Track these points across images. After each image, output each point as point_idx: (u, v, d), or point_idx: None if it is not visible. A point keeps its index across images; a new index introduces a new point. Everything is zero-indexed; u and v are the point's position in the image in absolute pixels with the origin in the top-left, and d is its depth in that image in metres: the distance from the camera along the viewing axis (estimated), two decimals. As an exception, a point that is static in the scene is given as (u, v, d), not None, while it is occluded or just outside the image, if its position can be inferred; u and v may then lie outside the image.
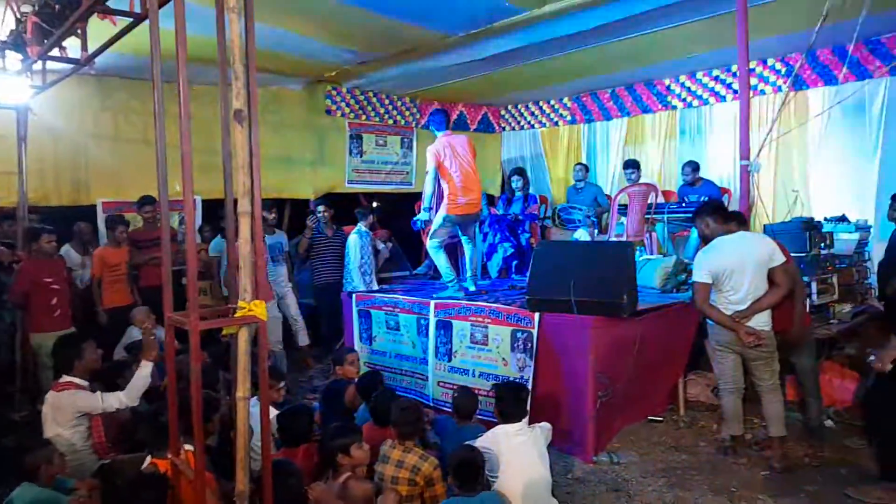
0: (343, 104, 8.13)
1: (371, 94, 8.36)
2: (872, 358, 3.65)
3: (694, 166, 6.96)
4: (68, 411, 3.53)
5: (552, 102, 9.23)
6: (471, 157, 5.46)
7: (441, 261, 5.56)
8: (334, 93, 8.00)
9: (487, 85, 7.91)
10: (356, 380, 4.46)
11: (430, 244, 5.58)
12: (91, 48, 3.86)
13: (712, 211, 4.08)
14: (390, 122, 8.73)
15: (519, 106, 9.68)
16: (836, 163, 6.50)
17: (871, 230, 5.95)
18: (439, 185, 5.50)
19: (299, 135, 7.84)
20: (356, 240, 6.37)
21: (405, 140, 9.01)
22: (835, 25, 4.44)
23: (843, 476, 3.84)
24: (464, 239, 5.83)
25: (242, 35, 2.20)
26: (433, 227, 5.54)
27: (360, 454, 3.22)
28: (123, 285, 5.85)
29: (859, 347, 5.02)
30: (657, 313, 4.77)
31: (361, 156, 8.51)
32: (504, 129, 10.02)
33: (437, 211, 5.53)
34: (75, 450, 3.53)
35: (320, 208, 6.81)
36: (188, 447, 2.63)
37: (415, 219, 5.83)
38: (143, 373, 3.68)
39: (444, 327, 5.12)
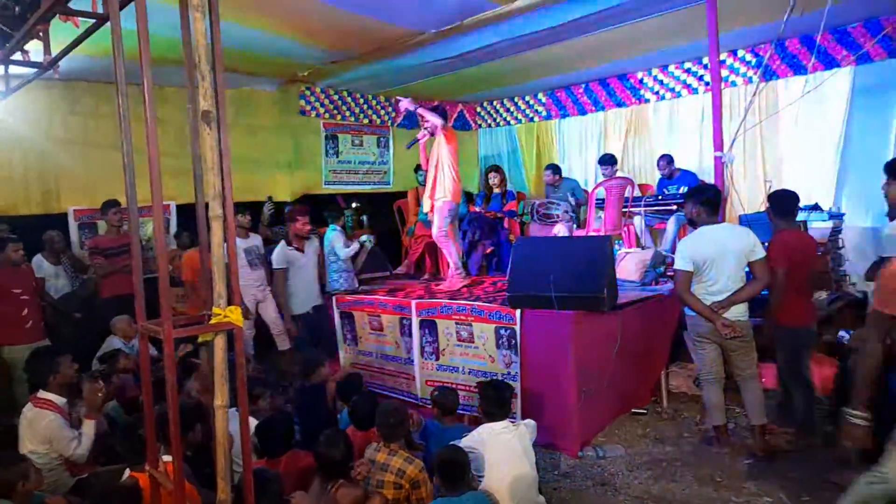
0: (317, 104, 8.06)
1: (345, 93, 8.30)
2: (846, 336, 3.67)
3: (668, 159, 7.01)
4: (40, 433, 3.45)
5: (527, 98, 9.26)
6: None
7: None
8: (308, 93, 7.93)
9: (462, 82, 7.90)
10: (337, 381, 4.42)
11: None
12: (54, 51, 3.76)
13: (706, 202, 4.04)
14: (366, 121, 8.67)
15: (494, 102, 9.68)
16: (808, 151, 6.59)
17: (844, 218, 6.04)
18: (446, 171, 5.60)
19: (274, 136, 7.76)
20: (337, 236, 6.29)
21: (381, 139, 8.96)
22: (802, 16, 4.49)
23: (825, 462, 3.88)
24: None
25: (208, 34, 2.15)
26: (446, 221, 5.65)
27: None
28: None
29: (836, 334, 5.08)
30: (637, 306, 4.80)
31: (338, 156, 8.45)
32: (480, 126, 10.02)
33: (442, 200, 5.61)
34: (51, 466, 3.45)
35: (288, 210, 6.68)
36: (167, 458, 2.56)
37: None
38: (87, 431, 3.57)
39: (429, 326, 5.10)
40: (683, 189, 6.61)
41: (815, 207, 5.95)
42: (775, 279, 3.97)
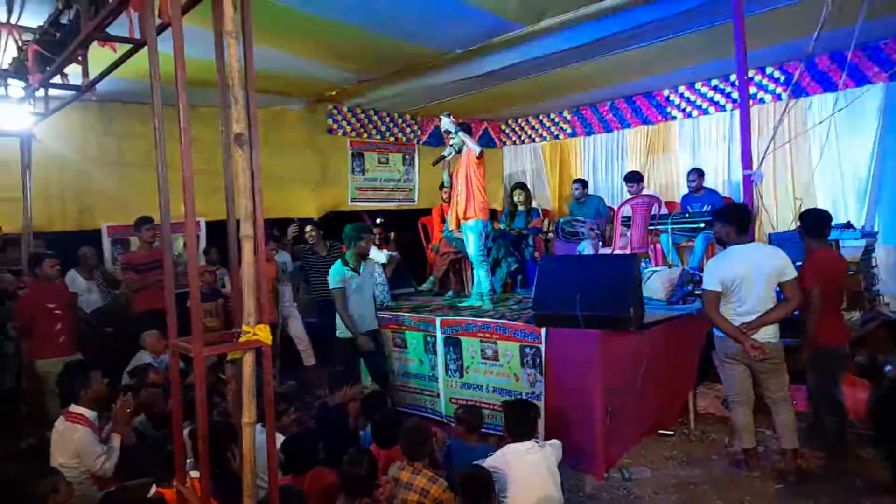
0: (344, 123, 8.17)
1: (372, 112, 8.40)
2: (889, 368, 3.59)
3: (699, 173, 6.94)
4: (71, 448, 3.52)
5: (552, 116, 9.26)
6: None
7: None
8: (335, 112, 8.04)
9: (487, 100, 7.94)
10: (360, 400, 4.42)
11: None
12: (92, 74, 3.89)
13: (737, 221, 3.98)
14: (391, 139, 8.76)
15: (519, 120, 9.71)
16: (839, 169, 6.48)
17: (878, 236, 5.91)
18: (476, 190, 5.57)
19: (301, 154, 7.87)
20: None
21: (407, 157, 9.03)
22: (832, 32, 4.43)
23: (857, 487, 3.78)
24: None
25: (241, 58, 2.21)
26: (481, 238, 5.64)
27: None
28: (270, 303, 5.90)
29: (869, 355, 4.96)
30: (664, 325, 4.74)
31: (364, 174, 8.54)
32: (505, 143, 10.04)
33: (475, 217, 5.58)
34: (80, 480, 3.50)
35: (308, 228, 6.78)
36: (194, 474, 2.60)
37: None
38: (115, 446, 3.64)
39: (453, 344, 5.10)
40: (707, 207, 6.53)
41: (847, 226, 5.84)
42: (810, 300, 3.89)
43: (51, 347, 5.01)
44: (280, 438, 3.33)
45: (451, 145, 5.68)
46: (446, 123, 5.75)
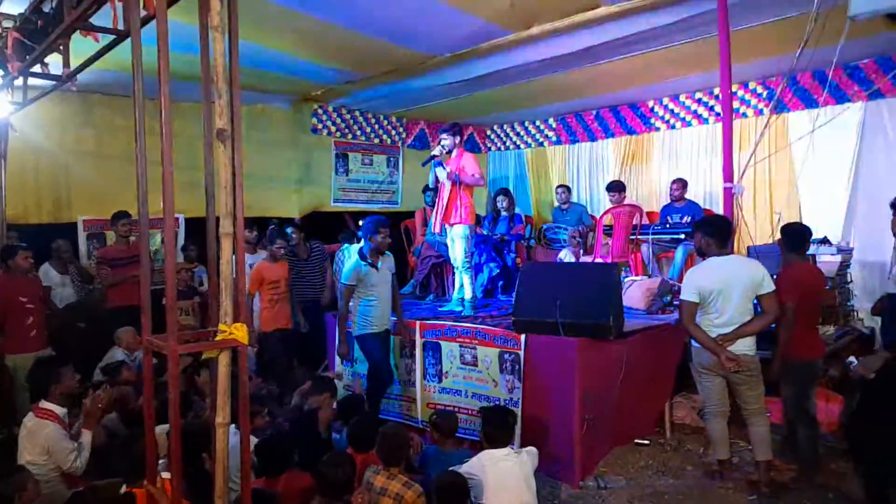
0: (329, 123, 8.13)
1: (357, 112, 8.37)
2: (854, 361, 3.62)
3: (683, 183, 7.01)
4: (40, 444, 3.44)
5: (537, 123, 9.30)
6: None
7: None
8: (320, 111, 8.00)
9: (473, 105, 7.95)
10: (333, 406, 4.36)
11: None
12: (73, 64, 3.82)
13: (716, 233, 4.01)
14: (376, 141, 8.73)
15: (504, 126, 9.73)
16: (818, 185, 6.59)
17: (853, 252, 6.01)
18: (464, 194, 5.53)
19: (285, 153, 7.81)
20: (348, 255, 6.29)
21: (391, 159, 9.01)
22: (815, 50, 4.51)
23: (829, 500, 3.82)
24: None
25: (226, 54, 2.18)
26: (469, 244, 5.59)
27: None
28: (285, 305, 5.80)
29: (843, 370, 5.03)
30: (643, 335, 4.76)
31: (347, 174, 8.50)
32: (490, 149, 10.06)
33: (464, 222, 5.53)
34: (49, 478, 3.43)
35: (289, 229, 6.70)
36: (165, 475, 2.55)
37: None
38: (85, 442, 3.55)
39: (433, 348, 5.07)
40: (687, 218, 6.59)
41: (824, 241, 5.93)
42: (785, 313, 3.93)
43: (22, 342, 4.91)
44: (254, 441, 3.29)
45: (442, 146, 5.60)
46: (448, 145, 5.59)
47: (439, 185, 5.70)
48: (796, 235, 4.27)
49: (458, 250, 5.61)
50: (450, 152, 5.58)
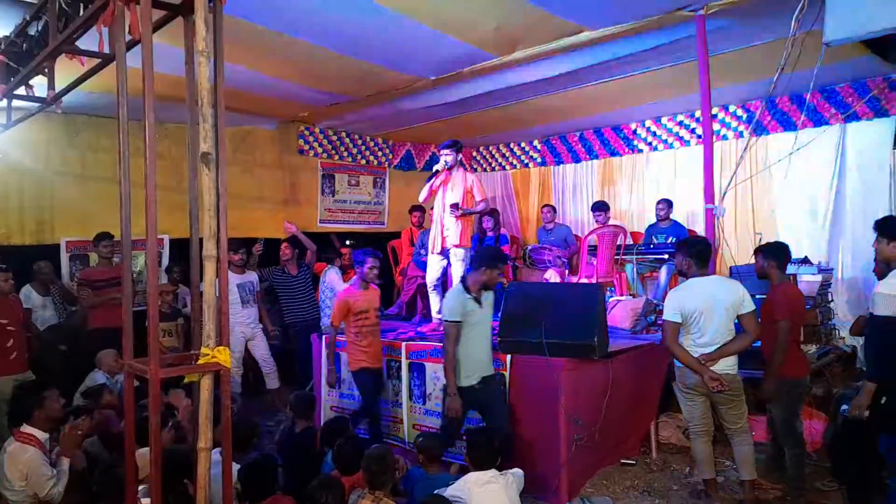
0: (315, 144, 8.16)
1: (344, 134, 8.42)
2: (845, 408, 3.66)
3: (668, 203, 7.08)
4: (19, 469, 3.38)
5: (522, 145, 9.40)
6: None
7: None
8: (307, 133, 8.04)
9: (459, 127, 8.02)
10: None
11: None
12: (58, 87, 3.81)
13: (697, 254, 4.05)
14: (363, 162, 8.78)
15: (490, 148, 9.82)
16: (797, 206, 6.70)
17: (833, 272, 6.10)
18: (464, 218, 5.48)
19: (271, 174, 7.84)
20: (336, 276, 6.27)
21: (378, 180, 9.06)
22: (792, 74, 4.62)
23: (814, 519, 3.84)
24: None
25: (212, 77, 2.20)
26: (464, 266, 5.37)
27: None
28: (375, 339, 4.91)
29: (826, 388, 5.08)
30: (628, 355, 4.78)
31: (333, 195, 8.53)
32: (476, 170, 10.13)
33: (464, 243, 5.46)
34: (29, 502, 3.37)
35: (282, 246, 6.71)
36: (145, 501, 2.51)
37: None
38: (64, 468, 3.50)
39: (417, 370, 5.06)
40: (672, 239, 6.66)
41: (805, 261, 6.01)
42: (778, 332, 3.96)
43: (1, 365, 4.83)
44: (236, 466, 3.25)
45: (445, 160, 5.57)
46: (450, 161, 5.55)
47: (434, 204, 5.66)
48: (783, 253, 4.30)
49: (456, 273, 5.48)
50: (450, 168, 5.58)
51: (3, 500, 3.05)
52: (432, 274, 5.68)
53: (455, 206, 5.37)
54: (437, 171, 5.57)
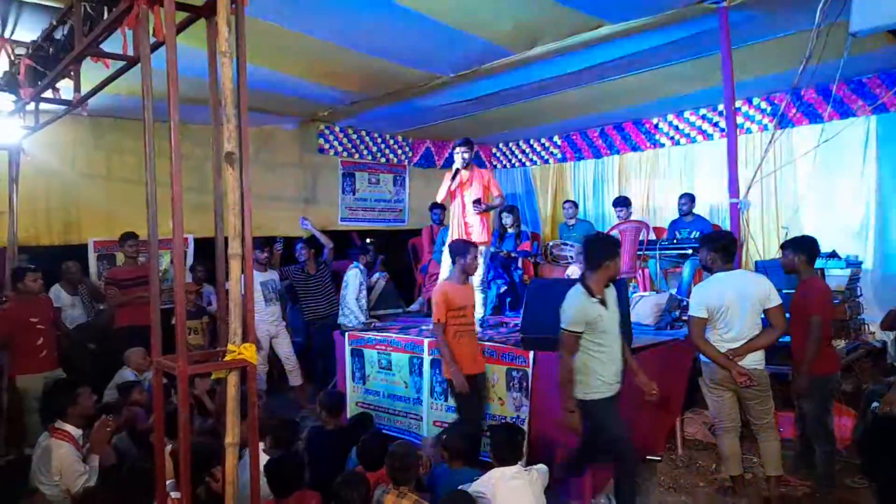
0: (336, 143, 8.20)
1: (364, 132, 8.45)
2: (876, 405, 3.59)
3: (690, 198, 7.00)
4: (54, 464, 3.45)
5: (542, 140, 9.34)
6: None
7: None
8: (327, 132, 8.08)
9: (478, 124, 8.01)
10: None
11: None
12: (84, 89, 3.88)
13: (722, 248, 4.00)
14: (383, 160, 8.81)
15: (510, 144, 9.78)
16: (824, 199, 6.58)
17: (862, 266, 5.98)
18: (486, 215, 5.51)
19: (292, 173, 7.90)
20: (356, 274, 6.32)
21: (398, 178, 9.08)
22: (818, 66, 4.54)
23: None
24: None
25: (234, 78, 2.22)
26: (485, 266, 5.43)
27: None
28: (472, 339, 4.51)
29: (855, 384, 4.99)
30: (652, 351, 4.74)
31: (354, 193, 8.57)
32: (495, 166, 10.11)
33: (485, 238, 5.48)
34: (59, 499, 3.44)
35: (299, 246, 6.76)
36: (175, 495, 2.55)
37: None
38: (94, 465, 3.58)
39: (439, 366, 5.06)
40: (695, 234, 6.58)
41: (833, 255, 5.90)
42: (812, 327, 3.90)
43: (32, 362, 4.92)
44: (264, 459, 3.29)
45: (463, 157, 5.59)
46: (468, 158, 5.55)
47: (453, 202, 5.67)
48: (812, 247, 4.21)
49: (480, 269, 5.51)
50: (467, 166, 5.60)
51: (39, 494, 3.12)
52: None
53: (477, 202, 5.39)
54: (458, 170, 5.56)
